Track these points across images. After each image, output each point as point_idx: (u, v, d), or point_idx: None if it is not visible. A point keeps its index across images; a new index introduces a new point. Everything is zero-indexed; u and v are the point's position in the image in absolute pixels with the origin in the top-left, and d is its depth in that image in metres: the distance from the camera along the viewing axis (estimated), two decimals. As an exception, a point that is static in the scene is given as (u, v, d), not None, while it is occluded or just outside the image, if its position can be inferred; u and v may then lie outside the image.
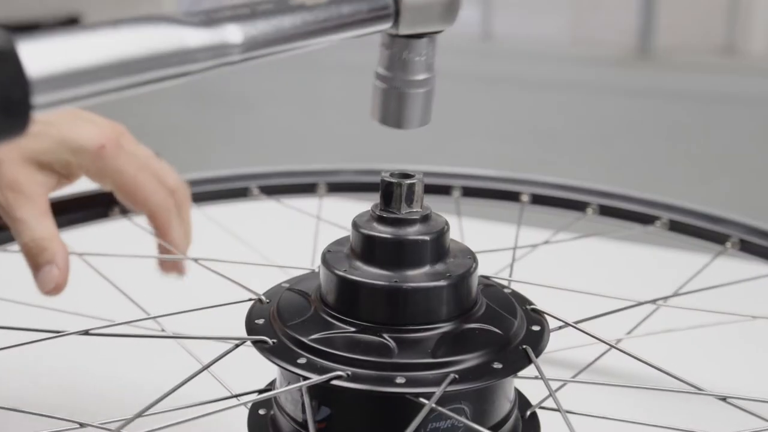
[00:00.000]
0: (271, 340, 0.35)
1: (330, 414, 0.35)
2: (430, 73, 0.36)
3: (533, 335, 0.36)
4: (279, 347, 0.35)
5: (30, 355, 0.47)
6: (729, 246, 0.56)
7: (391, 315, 0.35)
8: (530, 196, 0.63)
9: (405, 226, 0.37)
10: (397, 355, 0.34)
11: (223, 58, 0.28)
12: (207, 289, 0.48)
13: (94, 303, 0.51)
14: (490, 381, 0.33)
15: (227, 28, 0.28)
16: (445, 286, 0.36)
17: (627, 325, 0.51)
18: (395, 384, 0.33)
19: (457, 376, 0.33)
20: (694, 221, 0.59)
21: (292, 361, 0.34)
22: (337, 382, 0.33)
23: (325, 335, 0.35)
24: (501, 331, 0.36)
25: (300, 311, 0.37)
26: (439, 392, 0.32)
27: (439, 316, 0.36)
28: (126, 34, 0.25)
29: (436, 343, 0.35)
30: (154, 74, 0.26)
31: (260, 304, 0.39)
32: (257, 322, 0.37)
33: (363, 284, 0.35)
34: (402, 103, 0.36)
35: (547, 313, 0.38)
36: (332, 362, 0.34)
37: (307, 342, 0.34)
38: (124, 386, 0.55)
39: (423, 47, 0.35)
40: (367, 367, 0.33)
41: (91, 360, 0.58)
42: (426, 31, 0.35)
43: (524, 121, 3.46)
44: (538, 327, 0.37)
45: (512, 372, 0.34)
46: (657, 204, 0.61)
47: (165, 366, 0.46)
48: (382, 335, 0.35)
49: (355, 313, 0.36)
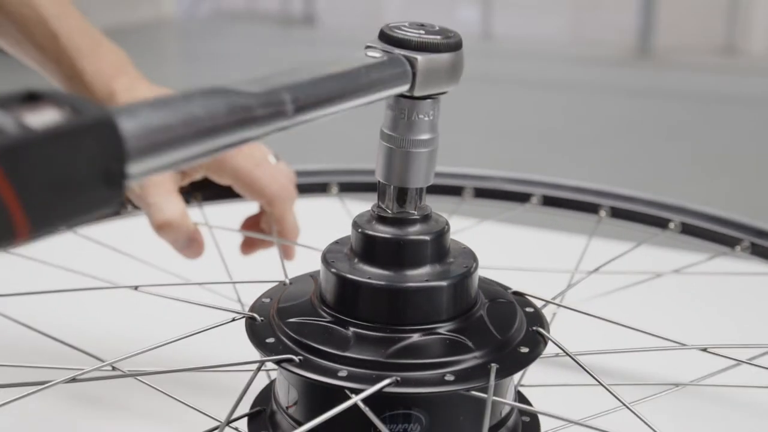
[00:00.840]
0: (260, 318, 0.38)
1: (296, 398, 0.36)
2: (434, 133, 0.37)
3: (513, 356, 0.35)
4: (262, 325, 0.37)
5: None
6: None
7: (364, 310, 0.36)
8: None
9: (405, 226, 0.37)
10: (350, 349, 0.34)
11: (278, 123, 0.30)
12: (262, 267, 0.53)
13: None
14: (431, 390, 0.33)
15: (281, 95, 0.30)
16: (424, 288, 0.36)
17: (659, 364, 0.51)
18: (336, 377, 0.33)
19: (399, 380, 0.33)
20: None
21: (261, 339, 0.36)
22: (286, 365, 0.34)
23: (301, 321, 0.37)
24: (473, 345, 0.35)
25: (299, 297, 0.39)
26: (370, 390, 0.32)
27: (414, 318, 0.36)
28: (202, 105, 0.27)
29: (397, 344, 0.35)
30: (227, 140, 0.28)
31: (283, 286, 0.41)
32: (263, 301, 0.40)
33: (345, 279, 0.36)
34: (407, 163, 0.37)
35: (551, 338, 0.37)
36: (297, 347, 0.35)
37: (282, 325, 0.36)
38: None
39: (429, 108, 0.36)
40: (320, 356, 0.34)
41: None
42: (435, 92, 0.36)
43: (524, 121, 3.46)
44: (526, 349, 0.36)
45: (463, 386, 0.33)
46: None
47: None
48: (347, 329, 0.36)
49: (333, 302, 0.37)
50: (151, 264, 0.61)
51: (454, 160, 0.77)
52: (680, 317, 0.68)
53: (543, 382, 0.48)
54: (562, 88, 4.10)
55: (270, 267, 0.53)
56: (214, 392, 0.49)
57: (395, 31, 0.35)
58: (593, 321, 0.41)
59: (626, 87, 4.12)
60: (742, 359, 0.45)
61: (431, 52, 0.35)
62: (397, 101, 0.36)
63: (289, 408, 0.37)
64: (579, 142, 3.13)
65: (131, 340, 0.60)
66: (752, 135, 3.25)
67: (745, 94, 4.00)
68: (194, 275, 0.57)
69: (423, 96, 0.36)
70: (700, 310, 0.70)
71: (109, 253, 0.61)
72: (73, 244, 0.61)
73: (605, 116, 3.53)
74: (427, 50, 0.35)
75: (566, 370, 0.53)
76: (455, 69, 0.36)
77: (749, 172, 2.77)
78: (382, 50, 0.35)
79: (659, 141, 3.13)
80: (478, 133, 3.22)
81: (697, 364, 0.49)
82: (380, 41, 0.35)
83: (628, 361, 0.57)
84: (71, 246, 0.62)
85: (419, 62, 0.34)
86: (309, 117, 0.31)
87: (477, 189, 0.64)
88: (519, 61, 4.81)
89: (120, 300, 0.65)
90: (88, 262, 0.59)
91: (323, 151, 2.90)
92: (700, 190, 2.53)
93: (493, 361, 0.34)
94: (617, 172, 2.72)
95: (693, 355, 0.42)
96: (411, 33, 0.35)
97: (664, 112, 3.59)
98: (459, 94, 0.41)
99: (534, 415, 0.40)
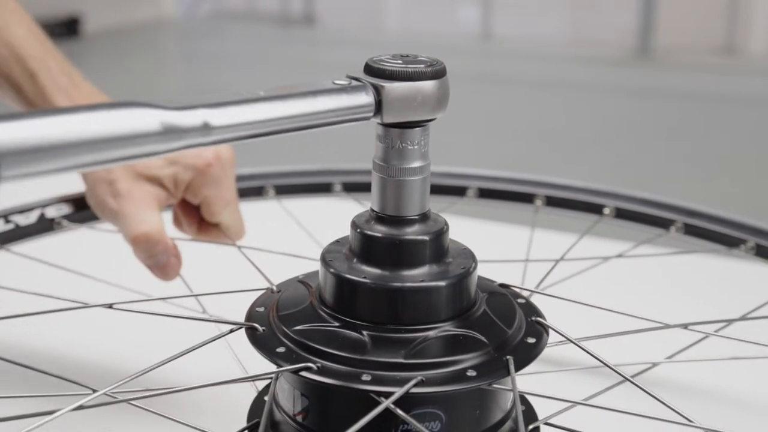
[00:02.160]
0: (261, 327, 0.37)
1: (308, 405, 0.36)
2: (426, 161, 0.37)
3: (524, 347, 0.36)
4: (266, 335, 0.37)
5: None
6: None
7: (375, 312, 0.36)
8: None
9: (404, 226, 0.37)
10: (369, 352, 0.34)
11: (181, 141, 0.30)
12: (237, 276, 0.51)
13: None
14: (458, 387, 0.33)
15: (197, 114, 0.31)
16: (433, 288, 0.36)
17: (636, 346, 0.52)
18: (360, 381, 0.33)
19: (424, 379, 0.33)
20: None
21: (271, 349, 0.35)
22: (306, 373, 0.34)
23: (308, 327, 0.36)
24: (487, 339, 0.35)
25: (298, 303, 0.38)
26: (399, 392, 0.32)
27: (425, 318, 0.36)
28: (89, 117, 0.28)
29: (414, 344, 0.35)
30: (117, 153, 0.29)
31: (270, 293, 0.40)
32: (257, 310, 0.39)
33: (348, 281, 0.36)
34: (399, 192, 0.37)
35: (553, 327, 0.38)
36: (309, 354, 0.35)
37: (290, 332, 0.36)
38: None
39: (418, 136, 0.37)
40: (338, 361, 0.34)
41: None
42: (414, 119, 0.36)
43: (524, 121, 3.46)
44: (533, 339, 0.37)
45: (486, 381, 0.34)
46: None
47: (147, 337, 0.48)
48: (361, 332, 0.35)
49: (339, 306, 0.37)
50: (103, 280, 0.58)
51: (455, 160, 0.77)
52: (638, 297, 0.72)
53: (533, 371, 0.49)
54: (562, 88, 4.09)
55: (233, 276, 0.51)
56: (211, 409, 0.48)
57: (374, 61, 0.36)
58: (567, 308, 0.42)
59: (626, 87, 4.12)
60: (718, 334, 0.49)
61: (402, 81, 0.35)
62: (386, 131, 0.37)
63: (297, 416, 0.36)
64: (579, 142, 3.13)
65: (113, 362, 0.59)
66: (752, 135, 3.25)
67: (745, 94, 4.00)
68: (155, 290, 0.54)
69: (405, 124, 0.36)
70: (658, 291, 0.76)
71: (52, 271, 0.57)
72: (9, 263, 0.57)
73: (605, 116, 3.53)
74: (397, 78, 0.35)
75: (549, 359, 0.53)
76: (435, 97, 0.36)
77: (749, 172, 2.77)
78: (354, 79, 0.36)
79: (659, 141, 3.13)
80: (478, 133, 3.22)
81: (676, 342, 0.53)
82: (363, 73, 0.37)
83: (611, 345, 0.58)
84: (10, 265, 0.58)
85: (386, 90, 0.35)
86: (226, 137, 0.32)
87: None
88: (519, 61, 4.80)
89: (91, 319, 0.61)
90: (35, 283, 0.55)
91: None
92: (700, 190, 2.53)
93: (506, 353, 0.35)
94: (617, 172, 2.72)
95: (672, 333, 0.45)
96: (387, 63, 0.36)
97: (664, 112, 3.58)
98: (459, 94, 0.42)
99: (528, 404, 0.40)
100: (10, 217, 0.57)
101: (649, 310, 0.45)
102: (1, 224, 0.57)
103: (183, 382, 0.37)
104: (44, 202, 0.59)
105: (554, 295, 0.43)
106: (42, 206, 0.59)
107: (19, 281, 0.54)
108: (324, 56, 4.93)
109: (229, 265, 0.59)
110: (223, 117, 0.32)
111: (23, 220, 0.57)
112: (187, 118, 0.31)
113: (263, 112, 0.33)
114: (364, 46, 4.79)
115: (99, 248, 0.65)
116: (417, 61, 0.37)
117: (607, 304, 0.43)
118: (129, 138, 0.29)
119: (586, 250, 0.61)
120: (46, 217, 0.58)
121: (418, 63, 0.36)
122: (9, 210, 0.58)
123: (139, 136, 0.29)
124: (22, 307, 0.46)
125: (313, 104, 0.34)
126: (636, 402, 0.36)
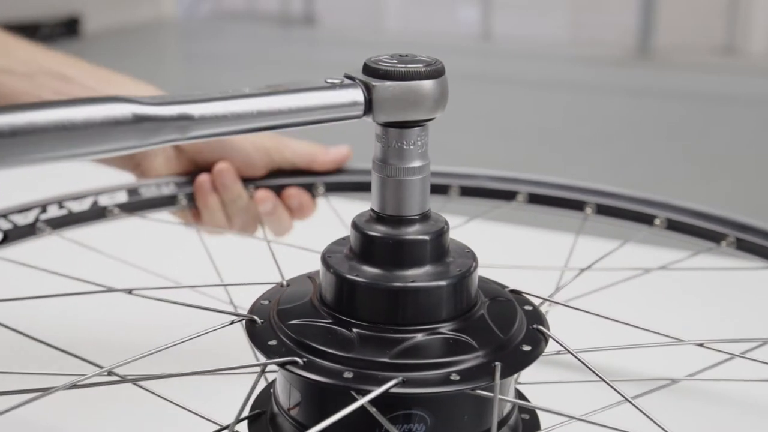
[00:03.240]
0: (260, 320, 0.38)
1: (299, 400, 0.36)
2: (425, 161, 0.37)
3: (516, 354, 0.35)
4: (263, 328, 0.37)
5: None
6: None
7: (367, 311, 0.36)
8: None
9: (403, 226, 0.37)
10: (355, 350, 0.34)
11: (162, 136, 0.31)
12: (253, 268, 0.53)
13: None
14: (438, 390, 0.33)
15: (175, 107, 0.31)
16: (424, 289, 0.36)
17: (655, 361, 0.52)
18: (341, 378, 0.33)
19: (404, 380, 0.33)
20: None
21: (263, 341, 0.36)
22: (290, 367, 0.34)
23: (303, 322, 0.36)
24: (477, 344, 0.35)
25: (299, 299, 0.39)
26: (377, 392, 0.32)
27: (417, 318, 0.36)
28: (63, 109, 0.28)
29: (401, 345, 0.35)
30: (88, 142, 0.29)
31: (279, 287, 0.41)
32: (262, 303, 0.40)
33: (344, 279, 0.36)
34: (399, 191, 0.37)
35: (553, 336, 0.37)
36: (300, 349, 0.35)
37: (284, 327, 0.36)
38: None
39: (416, 135, 0.37)
40: (324, 357, 0.34)
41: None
42: (411, 119, 0.36)
43: (524, 121, 3.46)
44: (528, 347, 0.36)
45: (469, 386, 0.33)
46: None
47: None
48: (351, 330, 0.35)
49: (335, 304, 0.37)
50: (141, 267, 0.60)
51: (455, 159, 0.77)
52: (671, 313, 0.69)
53: (539, 380, 0.48)
54: (562, 88, 4.09)
55: (262, 269, 0.52)
56: (213, 396, 0.48)
57: (371, 60, 0.36)
58: (586, 318, 0.42)
59: (626, 87, 4.12)
60: (736, 353, 0.45)
61: (395, 80, 0.35)
62: (384, 131, 0.37)
63: (290, 410, 0.37)
64: (579, 142, 3.13)
65: (127, 345, 0.60)
66: (752, 135, 3.25)
67: (745, 94, 4.00)
68: (186, 278, 0.57)
69: (402, 123, 0.36)
70: (690, 306, 0.72)
71: (95, 256, 0.60)
72: (59, 248, 0.60)
73: (605, 116, 3.53)
74: (390, 78, 0.35)
75: (561, 367, 0.53)
76: (431, 97, 0.36)
77: (749, 172, 2.77)
78: (348, 78, 0.36)
79: (659, 141, 3.13)
80: (478, 133, 3.22)
81: (693, 360, 0.50)
82: (361, 72, 0.37)
83: (624, 358, 0.57)
84: (59, 250, 0.61)
85: (376, 88, 0.35)
86: (207, 132, 0.32)
87: (462, 187, 0.65)
88: (519, 61, 4.80)
89: (114, 304, 0.64)
90: (76, 267, 0.58)
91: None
92: (699, 190, 2.53)
93: (496, 359, 0.35)
94: (617, 172, 2.72)
95: (689, 350, 0.43)
96: (382, 62, 0.36)
97: (663, 112, 3.58)
98: (458, 94, 0.42)
99: (533, 413, 0.40)
100: (64, 203, 0.59)
101: (684, 324, 0.44)
102: (55, 209, 0.59)
103: (186, 367, 0.39)
104: (98, 191, 0.61)
105: (568, 305, 0.43)
106: (95, 194, 0.61)
107: (68, 266, 0.56)
108: (324, 56, 4.93)
109: (260, 259, 0.61)
110: (204, 109, 0.32)
111: (77, 207, 0.59)
112: (163, 110, 0.30)
113: (246, 106, 0.33)
114: (364, 46, 4.79)
115: (148, 237, 0.67)
116: (415, 60, 0.36)
117: (639, 316, 0.43)
118: (98, 126, 0.28)
119: (632, 260, 0.60)
120: (98, 204, 0.60)
121: (415, 63, 0.36)
122: (63, 196, 0.60)
123: (109, 124, 0.29)
124: (62, 289, 0.49)
125: (299, 100, 0.34)
126: (639, 421, 0.36)
